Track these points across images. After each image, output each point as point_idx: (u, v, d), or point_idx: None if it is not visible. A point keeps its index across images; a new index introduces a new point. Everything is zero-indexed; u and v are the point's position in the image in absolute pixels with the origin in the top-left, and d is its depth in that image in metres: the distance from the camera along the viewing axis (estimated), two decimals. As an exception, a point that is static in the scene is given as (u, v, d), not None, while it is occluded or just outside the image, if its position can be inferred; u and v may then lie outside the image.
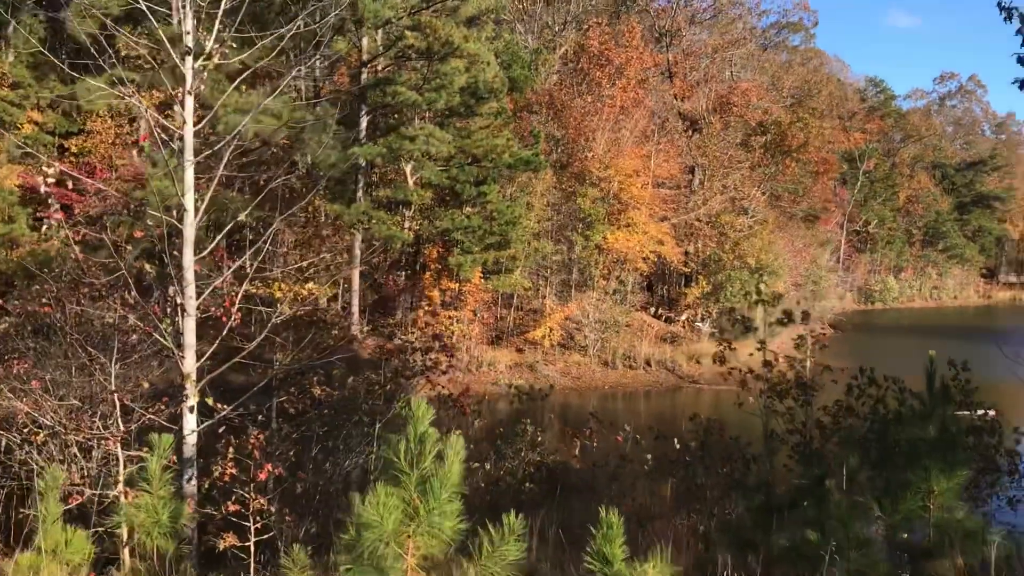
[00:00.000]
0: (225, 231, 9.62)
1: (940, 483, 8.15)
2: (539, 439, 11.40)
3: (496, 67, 32.22)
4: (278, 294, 10.48)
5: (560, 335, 33.42)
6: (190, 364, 8.37)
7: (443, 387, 11.68)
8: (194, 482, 8.66)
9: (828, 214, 58.69)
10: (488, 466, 10.83)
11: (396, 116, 32.60)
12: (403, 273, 33.37)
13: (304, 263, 12.74)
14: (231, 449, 8.49)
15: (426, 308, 31.26)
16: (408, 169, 32.04)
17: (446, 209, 32.33)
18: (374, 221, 29.79)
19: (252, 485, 8.40)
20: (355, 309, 28.68)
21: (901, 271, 78.93)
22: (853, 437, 10.86)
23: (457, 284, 30.60)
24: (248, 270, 9.40)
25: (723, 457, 11.78)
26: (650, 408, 31.73)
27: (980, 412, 11.49)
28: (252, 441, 8.54)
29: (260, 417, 10.14)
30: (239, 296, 8.85)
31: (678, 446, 11.55)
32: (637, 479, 11.38)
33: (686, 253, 40.29)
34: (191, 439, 8.55)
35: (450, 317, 29.56)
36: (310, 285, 11.04)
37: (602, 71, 38.08)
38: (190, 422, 8.48)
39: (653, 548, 5.48)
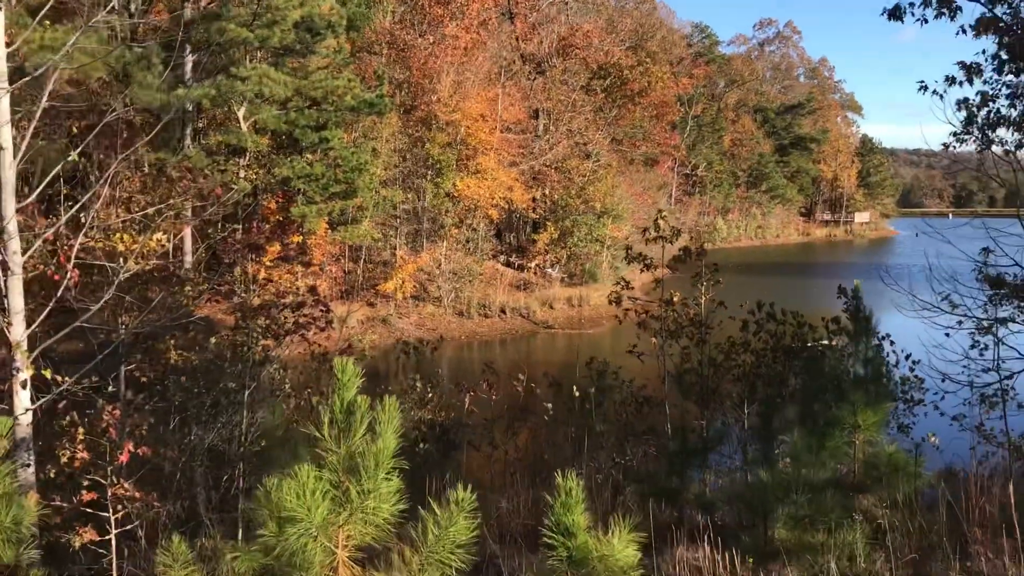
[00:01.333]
0: (52, 174, 7.96)
1: (867, 417, 7.78)
2: (429, 395, 10.40)
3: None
4: (121, 247, 8.87)
5: (413, 287, 32.26)
6: (19, 331, 6.80)
7: (320, 345, 10.44)
8: (32, 470, 7.15)
9: (665, 158, 59.86)
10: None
11: (224, 55, 30.06)
12: (239, 227, 31.10)
13: (151, 209, 11.00)
14: (80, 429, 7.03)
15: (267, 264, 29.11)
16: (241, 113, 29.71)
17: (285, 156, 30.30)
18: (205, 170, 27.42)
19: (109, 469, 7.02)
20: (187, 267, 26.38)
21: (728, 212, 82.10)
22: (774, 374, 10.49)
23: (300, 237, 28.76)
24: (85, 219, 7.83)
25: (621, 402, 11.19)
26: (507, 355, 31.27)
27: (824, 343, 11.35)
28: (105, 417, 7.10)
29: (110, 388, 8.61)
30: (74, 250, 7.32)
31: (577, 393, 10.82)
32: (539, 429, 10.61)
33: (533, 199, 39.84)
34: (25, 419, 7.01)
35: (293, 272, 27.74)
36: (159, 236, 9.45)
37: (443, 8, 36.63)
38: (23, 399, 6.93)
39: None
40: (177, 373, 9.81)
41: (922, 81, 12.94)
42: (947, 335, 11.57)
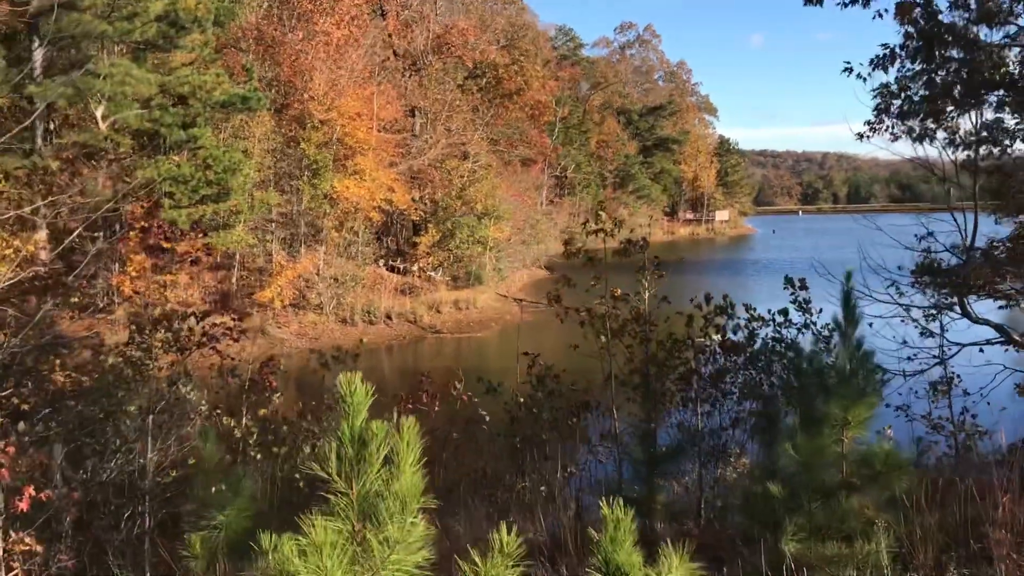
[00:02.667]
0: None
1: (858, 413, 7.30)
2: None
3: (196, -10, 28.27)
4: (-11, 252, 7.46)
5: (292, 294, 30.61)
6: None
7: (232, 358, 9.21)
8: None
9: (538, 160, 59.79)
10: (302, 449, 8.63)
11: (77, 50, 27.65)
12: (99, 235, 28.69)
13: (29, 208, 9.45)
14: (-39, 474, 5.71)
15: (133, 274, 27.16)
16: (100, 112, 27.39)
17: (150, 157, 28.18)
18: (60, 174, 25.09)
19: (3, 519, 5.76)
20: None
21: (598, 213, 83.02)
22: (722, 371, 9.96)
23: (169, 244, 26.73)
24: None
25: (568, 408, 10.41)
26: (394, 362, 30.13)
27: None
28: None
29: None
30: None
31: (521, 399, 9.97)
32: (483, 443, 9.69)
33: (413, 201, 38.76)
34: None
35: (161, 283, 25.73)
36: (39, 236, 8.07)
37: (312, 3, 35.09)
38: None
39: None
40: (63, 398, 8.38)
41: (848, 62, 12.85)
42: (870, 324, 11.36)
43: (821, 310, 10.48)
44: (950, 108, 14.02)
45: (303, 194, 31.83)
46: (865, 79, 12.80)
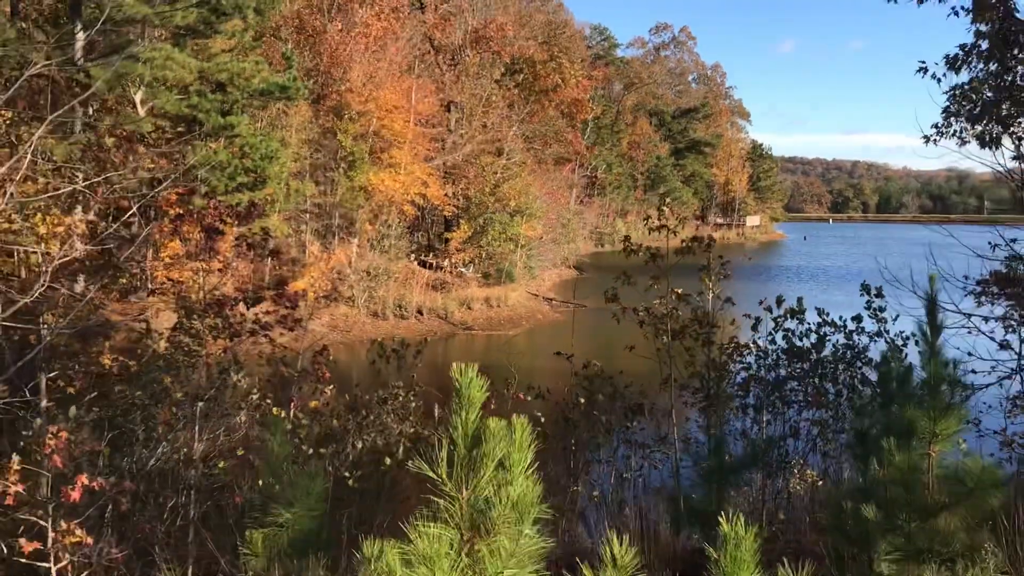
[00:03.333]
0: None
1: (947, 426, 6.86)
2: (412, 405, 8.99)
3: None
4: (42, 228, 7.18)
5: (325, 286, 30.39)
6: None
7: (283, 347, 8.91)
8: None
9: (580, 158, 59.31)
10: (355, 445, 8.29)
11: (117, 35, 27.58)
12: (135, 221, 28.66)
13: (83, 183, 9.18)
14: (15, 457, 5.42)
15: (167, 260, 27.22)
16: (139, 97, 27.30)
17: (188, 144, 28.03)
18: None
19: (51, 507, 5.48)
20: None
21: (627, 214, 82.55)
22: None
23: (226, 225, 26.62)
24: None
25: (624, 410, 10.00)
26: (425, 358, 29.80)
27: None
28: (50, 442, 5.51)
29: (27, 401, 6.89)
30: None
31: (581, 401, 9.57)
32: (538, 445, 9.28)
33: (446, 196, 38.49)
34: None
35: (196, 270, 25.61)
36: (83, 215, 7.82)
37: (353, -6, 34.93)
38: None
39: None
40: (111, 382, 8.11)
41: (923, 62, 12.40)
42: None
43: (897, 316, 10.02)
44: (1015, 111, 13.51)
45: (338, 185, 31.62)
46: (940, 80, 12.34)
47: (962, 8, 12.78)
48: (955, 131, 13.62)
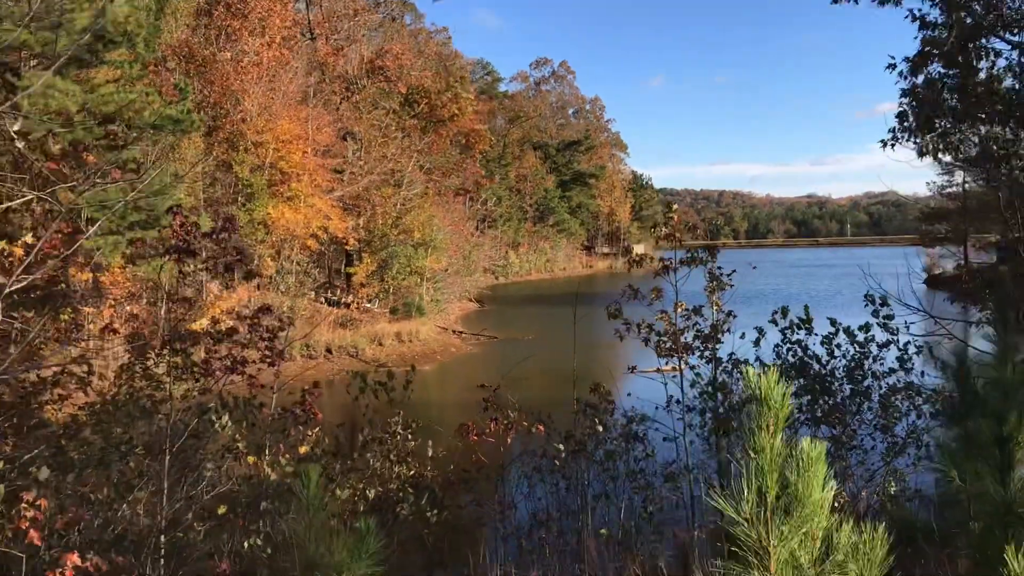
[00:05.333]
0: None
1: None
2: (411, 443, 7.94)
3: (126, 3, 26.37)
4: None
5: (226, 327, 28.45)
6: None
7: (262, 385, 7.73)
8: None
9: (471, 190, 58.69)
10: (345, 490, 7.18)
11: (-10, 63, 25.40)
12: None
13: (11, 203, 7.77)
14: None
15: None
16: (15, 128, 25.07)
17: (68, 181, 25.95)
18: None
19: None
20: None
21: (519, 246, 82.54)
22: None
23: (91, 274, 24.57)
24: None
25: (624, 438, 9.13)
26: (335, 399, 28.35)
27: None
28: (27, 513, 4.32)
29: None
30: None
31: (600, 428, 8.65)
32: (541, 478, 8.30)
33: (348, 229, 37.11)
34: None
35: (83, 314, 23.56)
36: (26, 238, 6.57)
37: (240, 22, 33.40)
38: None
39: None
40: (68, 431, 6.79)
41: (892, 57, 12.33)
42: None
43: (909, 325, 9.54)
44: (947, 123, 13.57)
45: (237, 220, 29.89)
46: (907, 76, 12.26)
47: (912, 14, 12.77)
48: (907, 136, 13.56)
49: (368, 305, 36.48)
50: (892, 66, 12.16)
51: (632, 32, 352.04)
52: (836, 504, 8.59)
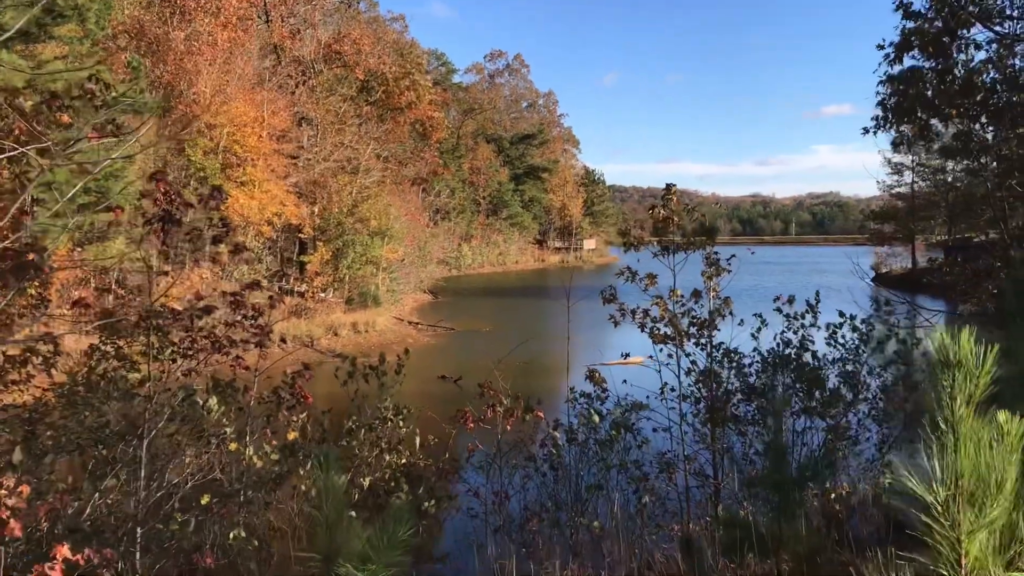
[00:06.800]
0: None
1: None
2: (402, 430, 7.52)
3: (78, -23, 25.40)
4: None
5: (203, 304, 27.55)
6: None
7: (247, 368, 7.26)
8: None
9: (426, 183, 57.97)
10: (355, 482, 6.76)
11: (-72, 35, 24.25)
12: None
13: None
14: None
15: (-9, 290, 23.96)
16: (-43, 104, 23.94)
17: (13, 161, 24.90)
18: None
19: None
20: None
21: (472, 239, 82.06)
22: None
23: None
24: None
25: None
26: (318, 387, 27.67)
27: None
28: (7, 501, 3.86)
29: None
30: None
31: (597, 419, 8.28)
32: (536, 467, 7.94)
33: (303, 216, 36.30)
34: None
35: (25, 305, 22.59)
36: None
37: (196, 2, 32.44)
38: None
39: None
40: (23, 420, 6.26)
41: (883, 40, 12.28)
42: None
43: (854, 317, 9.37)
44: (925, 115, 13.55)
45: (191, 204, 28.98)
46: (891, 63, 12.22)
47: (899, 2, 12.70)
48: (888, 124, 13.52)
49: (323, 295, 35.76)
50: (881, 46, 12.06)
51: (586, 29, 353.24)
52: (836, 496, 8.40)
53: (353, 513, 4.34)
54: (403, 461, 7.34)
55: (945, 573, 1.93)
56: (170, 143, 28.79)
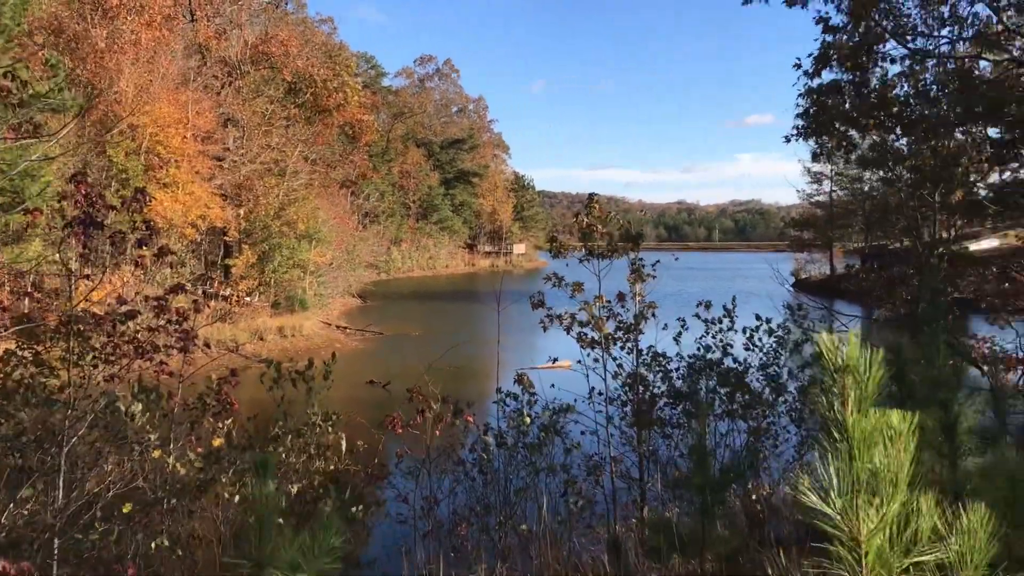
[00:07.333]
0: None
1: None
2: (330, 436, 7.47)
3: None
4: None
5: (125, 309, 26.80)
6: None
7: (172, 373, 7.12)
8: None
9: (355, 186, 57.37)
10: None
11: None
12: None
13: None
14: None
15: None
16: None
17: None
18: None
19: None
20: None
21: (401, 243, 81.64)
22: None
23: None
24: None
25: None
26: (243, 392, 27.12)
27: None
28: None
29: None
30: None
31: (528, 420, 8.34)
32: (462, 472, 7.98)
33: (229, 219, 35.66)
34: None
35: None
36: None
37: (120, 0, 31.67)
38: None
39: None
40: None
41: (798, 58, 12.64)
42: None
43: (770, 321, 9.67)
44: (843, 126, 14.01)
45: (112, 206, 28.21)
46: (811, 76, 12.60)
47: (819, 16, 13.08)
48: (804, 134, 13.91)
49: (248, 299, 35.13)
50: (797, 65, 12.45)
51: (516, 37, 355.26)
52: (756, 497, 8.64)
53: (281, 520, 4.33)
54: (331, 467, 7.30)
55: (846, 574, 2.04)
56: (91, 143, 28.01)
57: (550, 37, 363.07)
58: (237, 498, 6.89)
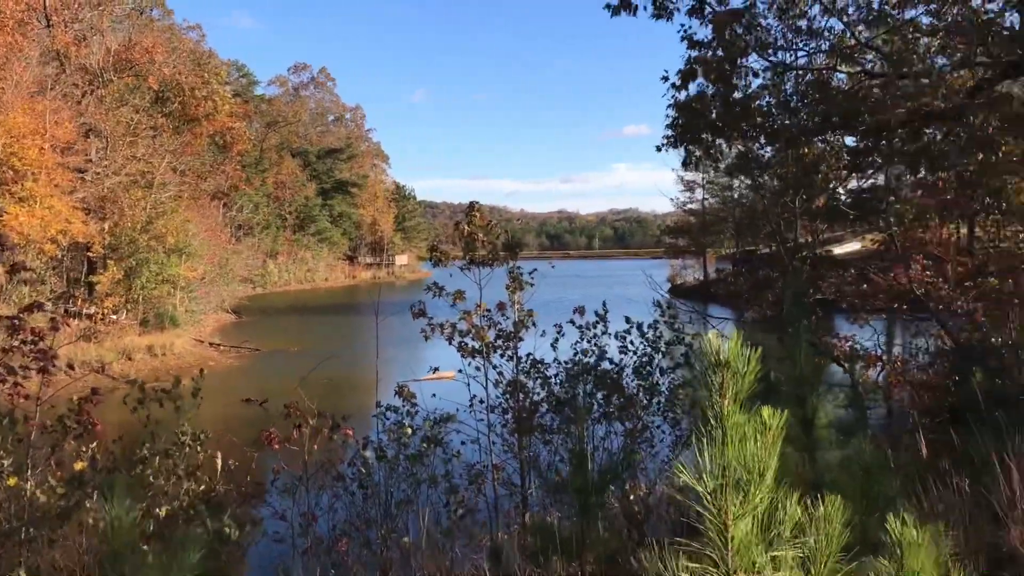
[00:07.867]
0: None
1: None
2: (200, 455, 7.16)
3: None
4: None
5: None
6: None
7: (28, 396, 6.69)
8: None
9: (227, 198, 55.66)
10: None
11: None
12: None
13: None
14: None
15: None
16: None
17: None
18: None
19: None
20: None
21: (277, 255, 79.78)
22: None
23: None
24: None
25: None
26: (107, 414, 25.78)
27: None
28: None
29: None
30: None
31: (409, 431, 8.22)
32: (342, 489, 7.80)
33: (92, 234, 34.01)
34: None
35: None
36: None
37: (-34, 4, 29.88)
38: None
39: None
40: None
41: (666, 71, 12.96)
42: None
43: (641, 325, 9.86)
44: (710, 135, 14.51)
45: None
46: (679, 89, 12.93)
47: (683, 32, 13.48)
48: (676, 143, 14.30)
49: (114, 316, 33.62)
50: (665, 78, 12.81)
51: (394, 46, 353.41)
52: (634, 497, 8.78)
53: (146, 546, 4.11)
54: (202, 488, 7.03)
55: (714, 556, 2.08)
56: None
57: (431, 46, 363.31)
58: (101, 524, 6.55)
